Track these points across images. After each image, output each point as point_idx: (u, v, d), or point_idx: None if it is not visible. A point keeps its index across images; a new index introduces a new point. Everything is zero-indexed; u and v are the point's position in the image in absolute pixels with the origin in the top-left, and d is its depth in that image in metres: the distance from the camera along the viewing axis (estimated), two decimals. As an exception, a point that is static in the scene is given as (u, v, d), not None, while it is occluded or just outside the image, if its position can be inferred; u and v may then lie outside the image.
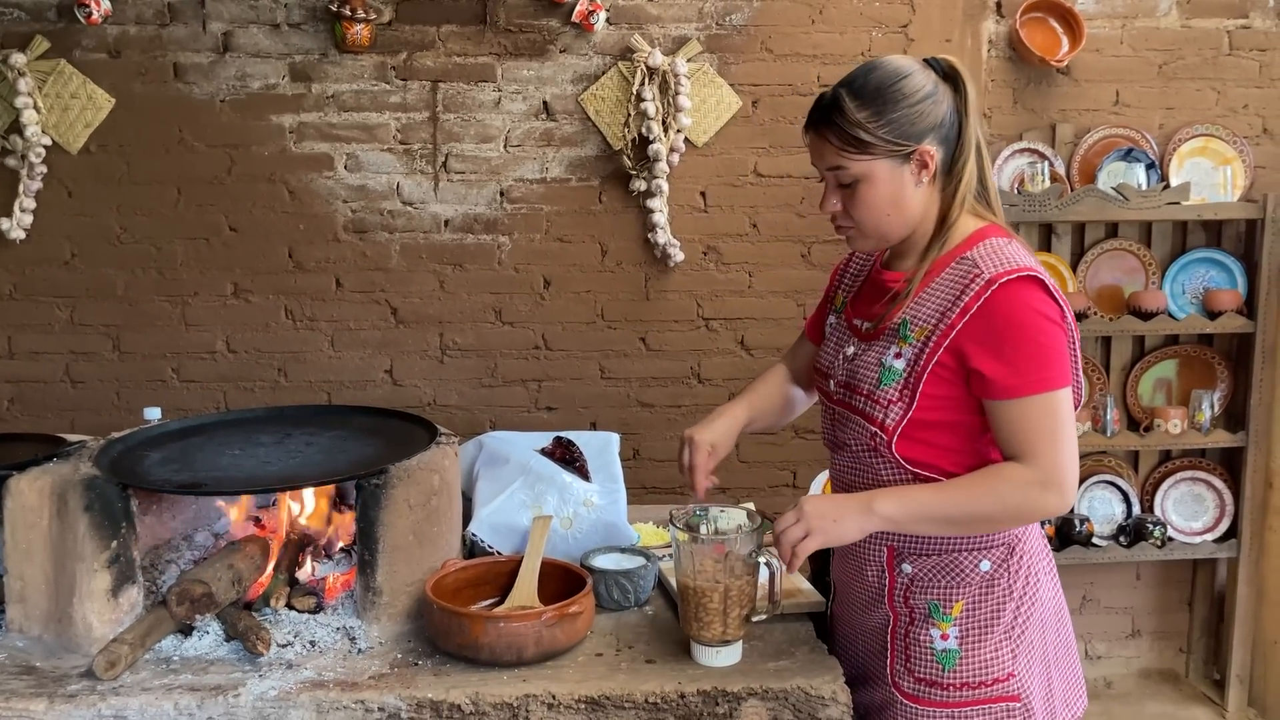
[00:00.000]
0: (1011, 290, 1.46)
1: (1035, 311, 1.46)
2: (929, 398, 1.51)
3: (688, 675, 1.63)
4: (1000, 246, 1.52)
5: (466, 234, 3.19)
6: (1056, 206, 3.05)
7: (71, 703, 1.57)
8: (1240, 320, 3.13)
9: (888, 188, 1.52)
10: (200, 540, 1.97)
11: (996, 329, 1.46)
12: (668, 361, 3.27)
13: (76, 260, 3.14)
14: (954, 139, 1.53)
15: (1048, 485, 1.47)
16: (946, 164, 1.55)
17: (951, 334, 1.49)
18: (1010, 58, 3.20)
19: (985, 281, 1.47)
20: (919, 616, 1.59)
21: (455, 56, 3.11)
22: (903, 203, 1.54)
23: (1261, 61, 3.25)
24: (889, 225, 1.56)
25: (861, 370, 1.60)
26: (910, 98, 1.50)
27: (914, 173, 1.52)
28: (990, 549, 1.57)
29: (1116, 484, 3.29)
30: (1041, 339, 1.46)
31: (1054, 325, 1.47)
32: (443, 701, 1.58)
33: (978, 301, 1.47)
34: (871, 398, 1.56)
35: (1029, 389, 1.46)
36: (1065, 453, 1.47)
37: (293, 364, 3.22)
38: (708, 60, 3.14)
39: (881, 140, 1.50)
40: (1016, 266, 1.48)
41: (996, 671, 1.56)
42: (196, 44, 3.07)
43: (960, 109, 1.53)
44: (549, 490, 2.06)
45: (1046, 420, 1.46)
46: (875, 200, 1.53)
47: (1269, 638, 3.23)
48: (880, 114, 1.49)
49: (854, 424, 1.60)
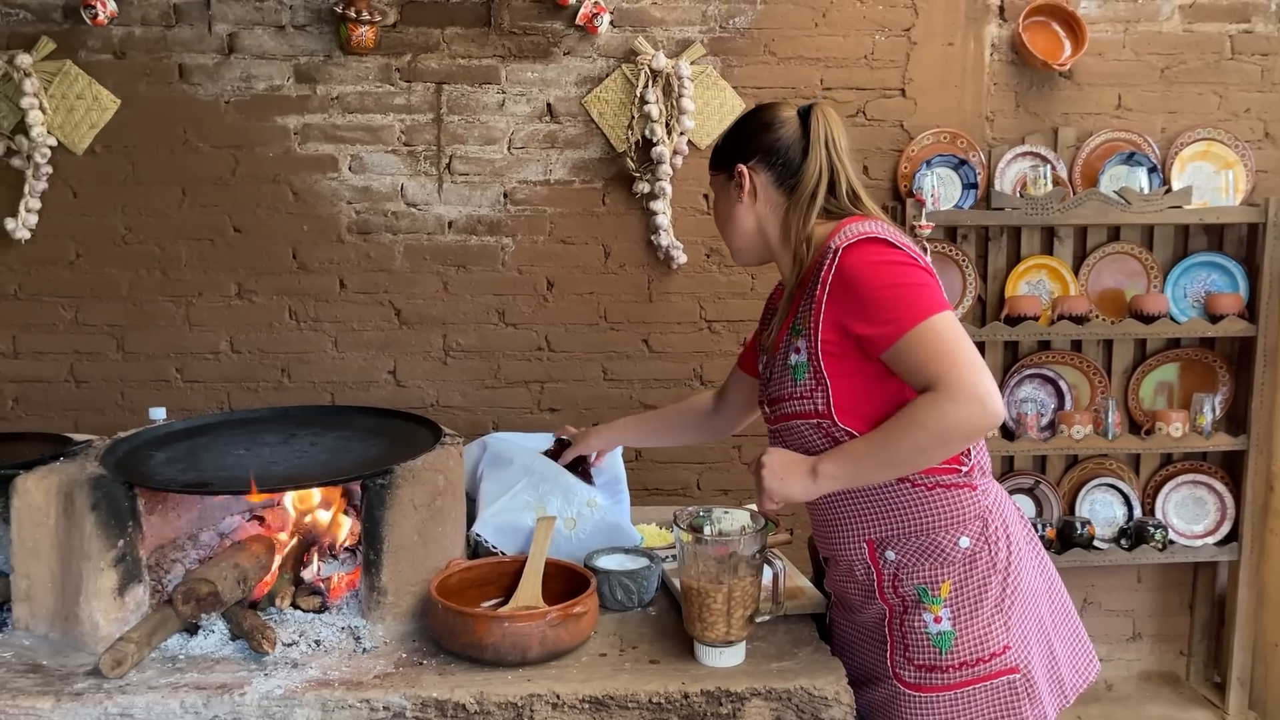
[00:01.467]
0: (853, 251, 1.56)
1: (879, 263, 1.55)
2: (835, 374, 1.58)
3: (691, 675, 1.63)
4: (851, 227, 1.61)
5: (470, 235, 3.20)
6: (1059, 210, 3.05)
7: (78, 701, 1.58)
8: (1242, 324, 3.13)
9: (722, 202, 1.79)
10: (205, 539, 1.98)
11: (852, 291, 1.55)
12: (670, 363, 3.28)
13: (81, 260, 3.15)
14: (788, 167, 1.70)
15: (958, 399, 1.49)
16: (788, 189, 1.70)
17: (821, 310, 1.58)
18: (1013, 61, 3.21)
19: (832, 254, 1.58)
20: (910, 603, 1.62)
21: (459, 59, 3.12)
22: (732, 217, 1.76)
23: (1263, 66, 3.25)
24: (729, 236, 1.79)
25: (776, 379, 1.68)
26: (746, 126, 1.74)
27: (735, 190, 1.74)
28: (965, 523, 1.61)
29: (1118, 487, 3.29)
30: (893, 281, 1.54)
31: (904, 265, 1.55)
32: (448, 701, 1.58)
33: (830, 273, 1.57)
34: (795, 397, 1.63)
35: (904, 327, 1.51)
36: (964, 364, 1.50)
37: (296, 364, 3.23)
38: (711, 63, 3.15)
39: (718, 158, 1.78)
40: (858, 233, 1.58)
41: (992, 646, 1.59)
42: (202, 45, 3.08)
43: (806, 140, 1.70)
44: (553, 491, 2.06)
45: (931, 345, 1.51)
46: (716, 213, 1.82)
47: (1269, 640, 3.23)
48: (724, 139, 1.78)
49: (797, 426, 1.64)
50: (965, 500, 1.61)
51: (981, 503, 1.62)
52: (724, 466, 3.32)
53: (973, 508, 1.61)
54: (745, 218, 1.75)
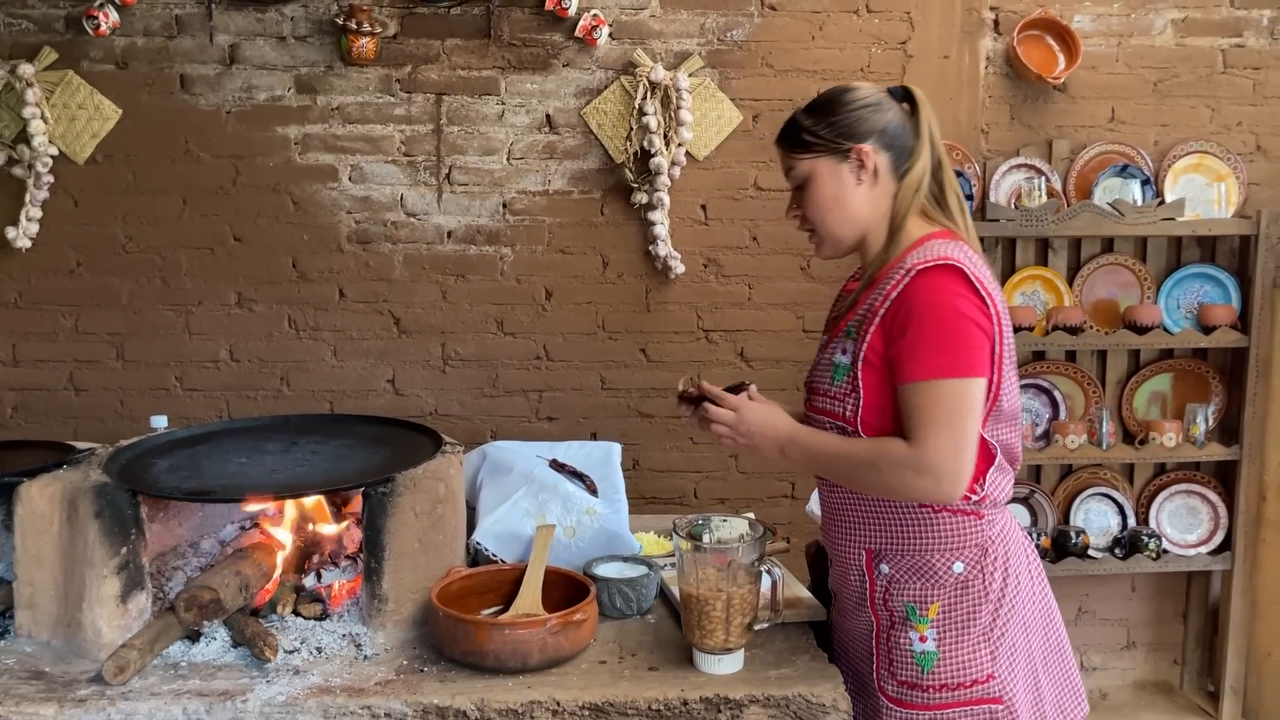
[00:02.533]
0: (927, 276, 1.53)
1: (945, 299, 1.52)
2: (870, 388, 1.58)
3: (690, 683, 1.65)
4: (936, 245, 1.58)
5: (469, 245, 3.22)
6: (1053, 221, 3.08)
7: (81, 707, 1.59)
8: (1234, 335, 3.16)
9: (830, 185, 1.65)
10: (207, 547, 1.99)
11: (907, 312, 1.53)
12: (668, 372, 3.29)
13: (82, 269, 3.17)
14: (903, 147, 1.64)
15: (921, 471, 1.51)
16: (898, 170, 1.64)
17: (875, 321, 1.57)
18: (1008, 74, 3.24)
19: (906, 270, 1.55)
20: (898, 619, 1.63)
21: (459, 70, 3.14)
22: (846, 200, 1.65)
23: (1255, 80, 3.29)
24: (836, 223, 1.66)
25: (819, 373, 1.69)
26: (850, 105, 1.64)
27: (853, 170, 1.64)
28: (963, 550, 1.61)
29: (1112, 496, 3.31)
30: (949, 325, 1.51)
31: (965, 316, 1.52)
32: (448, 707, 1.60)
33: (897, 289, 1.55)
34: (829, 395, 1.64)
35: (926, 373, 1.51)
36: (953, 444, 1.50)
37: (295, 373, 3.24)
38: (709, 75, 3.18)
39: (822, 139, 1.64)
40: (939, 256, 1.54)
41: (975, 673, 1.59)
42: (203, 56, 3.10)
43: (915, 125, 1.65)
44: (552, 499, 2.08)
45: (937, 407, 1.51)
46: (820, 197, 1.66)
47: (1262, 650, 3.25)
48: (822, 119, 1.65)
49: (824, 424, 1.65)
50: (968, 527, 1.61)
51: (985, 532, 1.62)
52: (721, 475, 3.34)
53: (974, 535, 1.61)
54: (860, 203, 1.65)
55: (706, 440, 3.32)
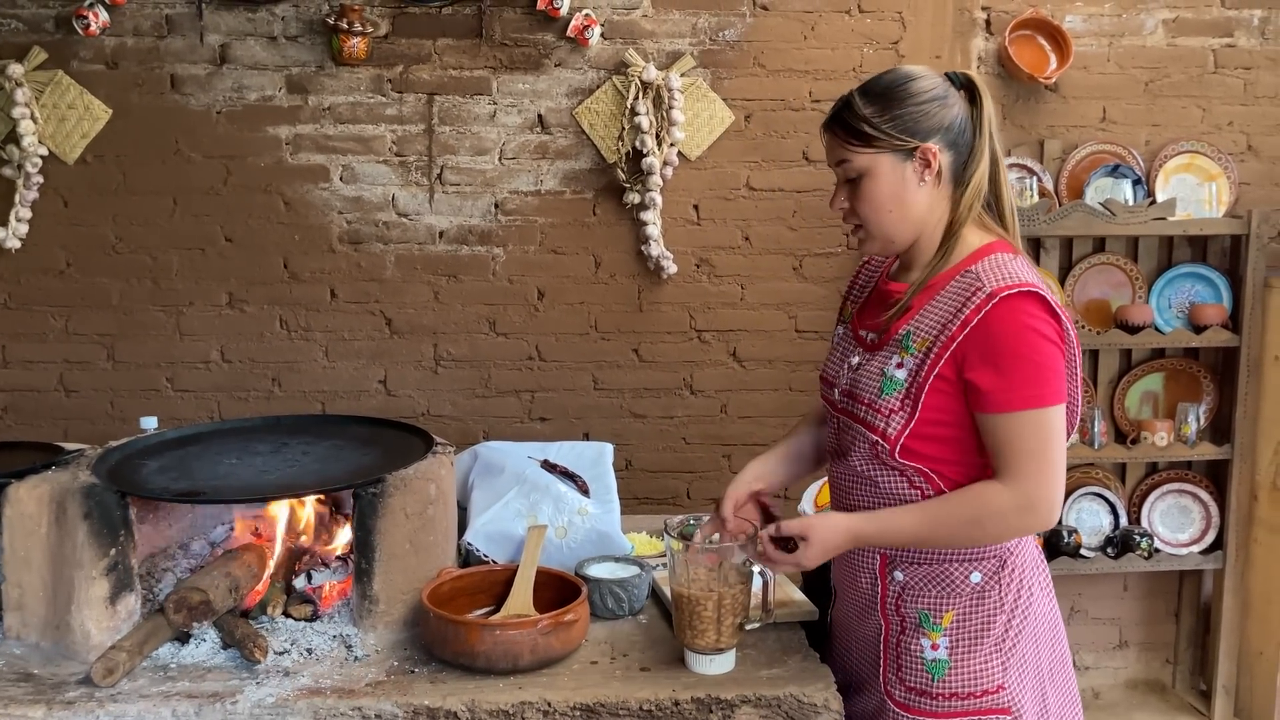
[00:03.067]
0: (1012, 304, 1.47)
1: (1032, 327, 1.48)
2: (930, 409, 1.52)
3: (682, 683, 1.65)
4: (1004, 261, 1.53)
5: (461, 245, 3.21)
6: (1045, 221, 3.09)
7: (69, 710, 1.58)
8: (1225, 334, 3.17)
9: (890, 183, 1.54)
10: (197, 549, 1.98)
11: (993, 341, 1.47)
12: (660, 373, 3.29)
13: (72, 270, 3.15)
14: (965, 145, 1.56)
15: (1027, 509, 1.49)
16: (956, 170, 1.56)
17: (952, 346, 1.50)
18: (999, 74, 3.24)
19: (987, 295, 1.48)
20: (910, 625, 1.61)
21: (451, 70, 3.14)
22: (905, 201, 1.55)
23: (1246, 79, 3.29)
24: (891, 223, 1.56)
25: (864, 380, 1.60)
26: (916, 97, 1.53)
27: (916, 170, 1.54)
28: (981, 560, 1.59)
29: (1104, 496, 3.32)
30: (1037, 355, 1.47)
31: (1050, 343, 1.49)
32: (439, 709, 1.59)
33: (978, 314, 1.48)
34: (873, 407, 1.57)
35: (1018, 404, 1.47)
36: (1050, 473, 1.48)
37: (287, 374, 3.23)
38: (701, 75, 3.17)
39: (884, 134, 1.52)
40: (1019, 281, 1.49)
41: (986, 683, 1.58)
42: (194, 56, 3.09)
43: (975, 119, 1.56)
44: (544, 500, 2.08)
45: (1033, 438, 1.48)
46: (878, 195, 1.55)
47: (1254, 649, 3.26)
48: (885, 110, 1.53)
49: (855, 432, 1.61)
50: None
51: (1004, 544, 1.60)
52: (714, 475, 3.33)
53: (993, 547, 1.59)
54: (919, 204, 1.55)
55: (699, 440, 3.32)
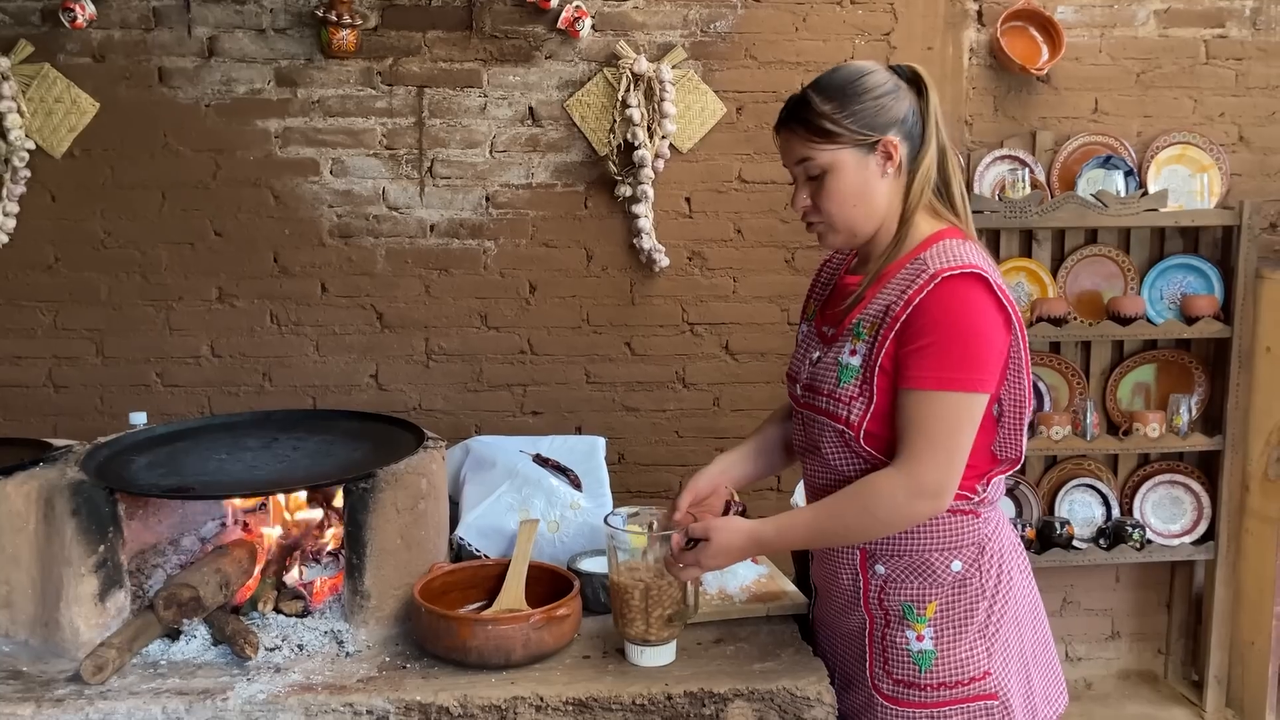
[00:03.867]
0: (953, 284, 1.49)
1: (967, 309, 1.49)
2: (884, 392, 1.53)
3: (674, 677, 1.64)
4: (953, 246, 1.54)
5: (452, 239, 3.20)
6: (1037, 213, 3.08)
7: (59, 707, 1.57)
8: (1217, 325, 3.17)
9: (854, 178, 1.56)
10: (187, 545, 1.97)
11: (927, 319, 1.49)
12: (653, 366, 3.29)
13: (60, 265, 3.13)
14: (916, 136, 1.58)
15: (916, 494, 1.50)
16: (910, 160, 1.58)
17: (895, 326, 1.51)
18: (991, 65, 3.24)
19: (929, 275, 1.50)
20: (894, 618, 1.61)
21: (441, 62, 3.12)
22: (869, 194, 1.57)
23: (1238, 70, 3.29)
24: (856, 217, 1.58)
25: (823, 372, 1.62)
26: (872, 92, 1.55)
27: (879, 164, 1.56)
28: (961, 549, 1.59)
29: (1096, 487, 3.32)
30: (968, 337, 1.48)
31: (987, 326, 1.49)
32: (431, 704, 1.59)
33: (920, 294, 1.49)
34: (833, 396, 1.58)
35: (930, 383, 1.48)
36: (943, 458, 1.49)
37: (278, 369, 3.22)
38: (692, 67, 3.16)
39: (847, 130, 1.54)
40: (963, 263, 1.50)
41: (973, 670, 1.58)
42: (181, 48, 3.07)
43: (922, 110, 1.58)
44: (536, 494, 2.07)
45: (939, 421, 1.48)
46: (842, 191, 1.56)
47: (1246, 639, 3.27)
48: (844, 106, 1.54)
49: (820, 424, 1.62)
50: (966, 526, 1.59)
51: (982, 530, 1.61)
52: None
53: (972, 534, 1.60)
54: (881, 196, 1.57)
55: (692, 433, 3.32)
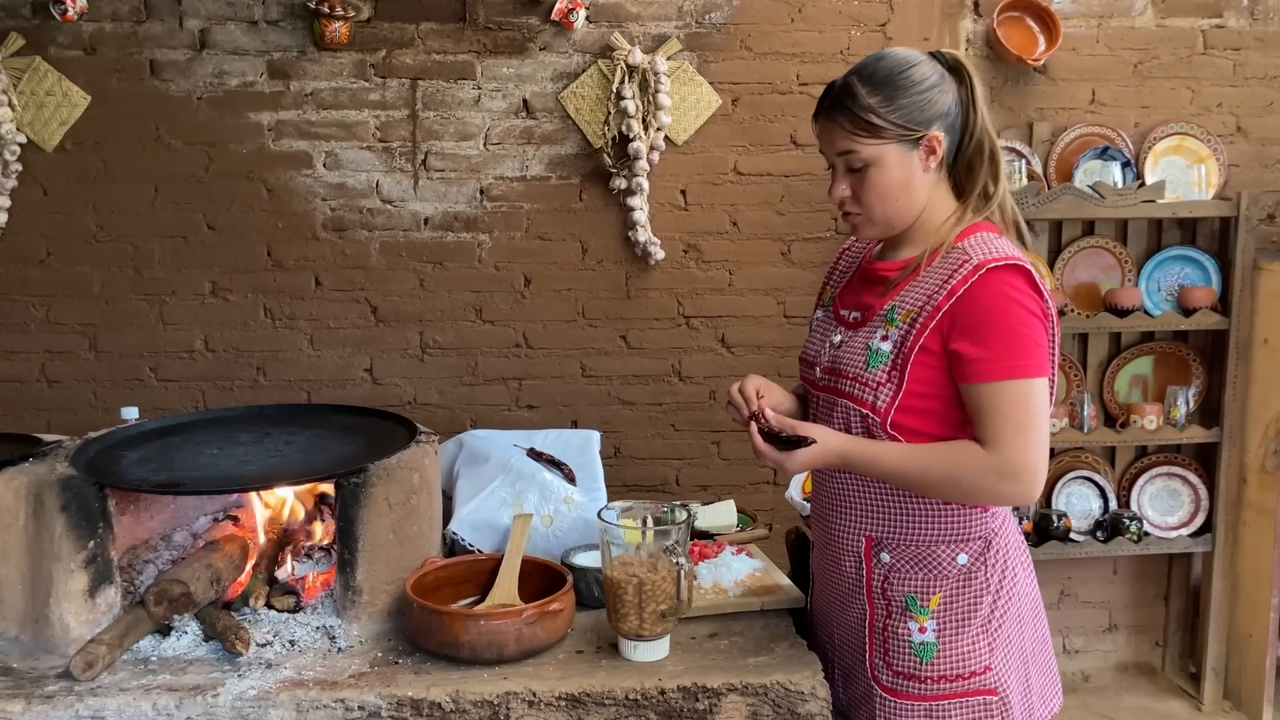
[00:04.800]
0: (997, 276, 1.49)
1: (1017, 300, 1.49)
2: (915, 381, 1.53)
3: (668, 672, 1.63)
4: (990, 239, 1.55)
5: (446, 232, 3.18)
6: (1034, 204, 3.07)
7: (49, 703, 1.56)
8: (1215, 317, 3.16)
9: (898, 172, 1.55)
10: (179, 540, 1.96)
11: (978, 312, 1.49)
12: (649, 359, 3.27)
13: (52, 259, 3.12)
14: (959, 129, 1.57)
15: (1005, 475, 1.49)
16: (951, 153, 1.58)
17: (938, 316, 1.51)
18: (988, 56, 3.22)
19: (973, 266, 1.50)
20: (896, 609, 1.60)
21: (435, 54, 3.10)
22: (911, 188, 1.56)
23: (1235, 61, 3.28)
24: (896, 211, 1.57)
25: (848, 355, 1.61)
26: (919, 85, 1.53)
27: (922, 158, 1.55)
28: (968, 542, 1.59)
29: (1093, 480, 3.31)
30: (1021, 327, 1.49)
31: (1034, 316, 1.50)
32: (423, 700, 1.58)
33: (964, 285, 1.50)
34: (859, 380, 1.57)
35: (1002, 374, 1.48)
36: (1031, 443, 1.49)
37: (272, 363, 3.21)
38: (687, 58, 3.14)
39: (892, 124, 1.52)
40: (1006, 255, 1.51)
41: (974, 665, 1.58)
42: (173, 41, 3.05)
43: (965, 100, 1.57)
44: (529, 488, 2.06)
45: (1015, 407, 1.48)
46: (885, 185, 1.55)
47: (1243, 631, 3.26)
48: (891, 99, 1.52)
49: (842, 408, 1.60)
50: (974, 519, 1.59)
51: (989, 524, 1.60)
52: (703, 462, 3.32)
53: (979, 528, 1.59)
54: (923, 189, 1.56)
55: (688, 427, 3.31)
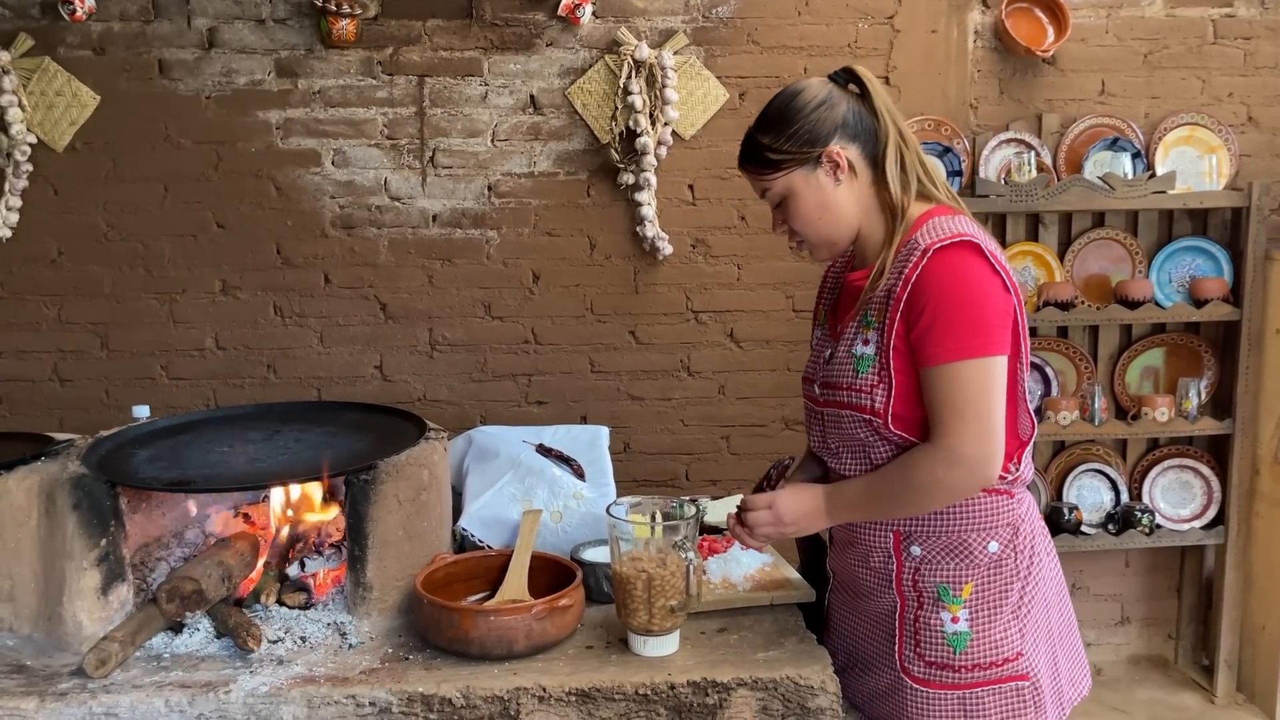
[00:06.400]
0: (944, 255, 1.50)
1: (962, 277, 1.50)
2: (903, 374, 1.54)
3: (678, 666, 1.63)
4: (941, 222, 1.55)
5: (454, 229, 3.18)
6: (1043, 196, 3.06)
7: (62, 701, 1.57)
8: (1226, 308, 3.14)
9: (810, 195, 1.60)
10: (191, 537, 1.97)
11: (922, 296, 1.50)
12: (657, 354, 3.27)
13: (63, 258, 3.13)
14: (867, 132, 1.60)
15: (951, 463, 1.50)
16: (871, 158, 1.60)
17: (900, 307, 1.52)
18: (996, 48, 3.20)
19: (921, 252, 1.51)
20: (928, 600, 1.60)
21: (441, 51, 3.11)
22: (830, 204, 1.60)
23: (1246, 50, 3.26)
24: (826, 229, 1.62)
25: (838, 367, 1.63)
26: (803, 110, 1.59)
27: (829, 174, 1.59)
28: (997, 529, 1.60)
29: (1105, 472, 3.30)
30: (965, 305, 1.49)
31: (982, 294, 1.50)
32: (434, 695, 1.58)
33: (915, 271, 1.51)
34: (853, 389, 1.59)
35: (944, 356, 1.49)
36: (970, 426, 1.49)
37: (282, 360, 3.22)
38: (694, 53, 3.14)
39: (787, 154, 1.59)
40: (953, 233, 1.51)
41: (1006, 651, 1.59)
42: (181, 40, 3.06)
43: (869, 106, 1.60)
44: (539, 484, 2.06)
45: (954, 390, 1.49)
46: (805, 210, 1.61)
47: (1256, 623, 3.25)
48: (781, 133, 1.59)
49: (845, 419, 1.61)
50: (1002, 506, 1.60)
51: (1016, 511, 1.62)
52: (712, 457, 3.32)
53: (1007, 514, 1.60)
54: (845, 202, 1.60)
55: (697, 422, 3.31)
